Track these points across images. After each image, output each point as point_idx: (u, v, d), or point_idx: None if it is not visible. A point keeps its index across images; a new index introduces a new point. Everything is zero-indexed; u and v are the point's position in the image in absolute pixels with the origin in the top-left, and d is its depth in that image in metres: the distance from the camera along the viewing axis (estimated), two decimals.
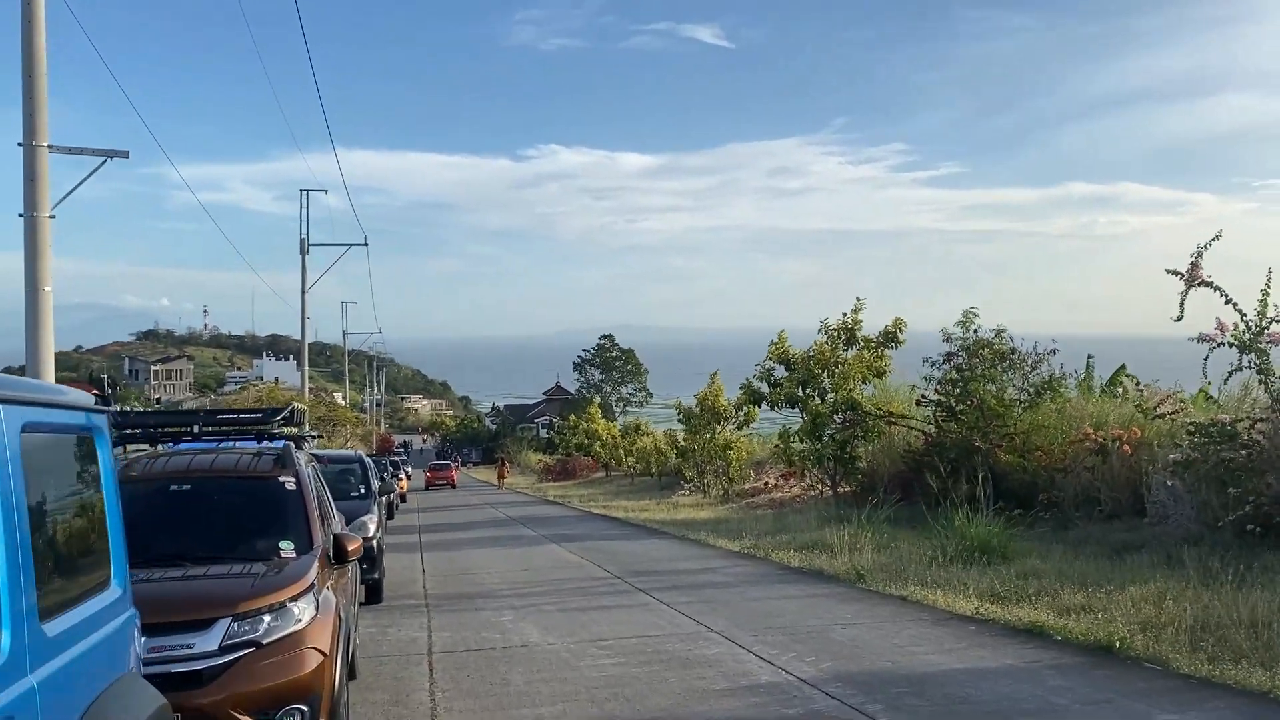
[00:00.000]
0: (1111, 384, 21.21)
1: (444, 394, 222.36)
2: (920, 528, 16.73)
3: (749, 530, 17.91)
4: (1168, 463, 14.08)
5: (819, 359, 23.67)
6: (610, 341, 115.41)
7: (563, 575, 12.45)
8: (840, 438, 22.78)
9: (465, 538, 19.96)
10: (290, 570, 5.11)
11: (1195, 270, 13.29)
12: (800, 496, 26.79)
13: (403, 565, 14.61)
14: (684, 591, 10.43)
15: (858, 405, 23.07)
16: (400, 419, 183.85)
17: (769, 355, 24.89)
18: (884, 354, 23.59)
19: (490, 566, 13.99)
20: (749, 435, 34.35)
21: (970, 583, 10.24)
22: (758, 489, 30.96)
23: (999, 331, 19.80)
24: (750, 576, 11.48)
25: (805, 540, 15.38)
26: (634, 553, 14.98)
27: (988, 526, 13.42)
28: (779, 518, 19.86)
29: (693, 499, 32.40)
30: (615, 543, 16.99)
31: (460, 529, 22.90)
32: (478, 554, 16.13)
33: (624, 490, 43.81)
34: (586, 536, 18.54)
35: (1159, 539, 13.79)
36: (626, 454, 50.64)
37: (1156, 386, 19.19)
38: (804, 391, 23.78)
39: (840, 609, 9.11)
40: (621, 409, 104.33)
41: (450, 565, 14.52)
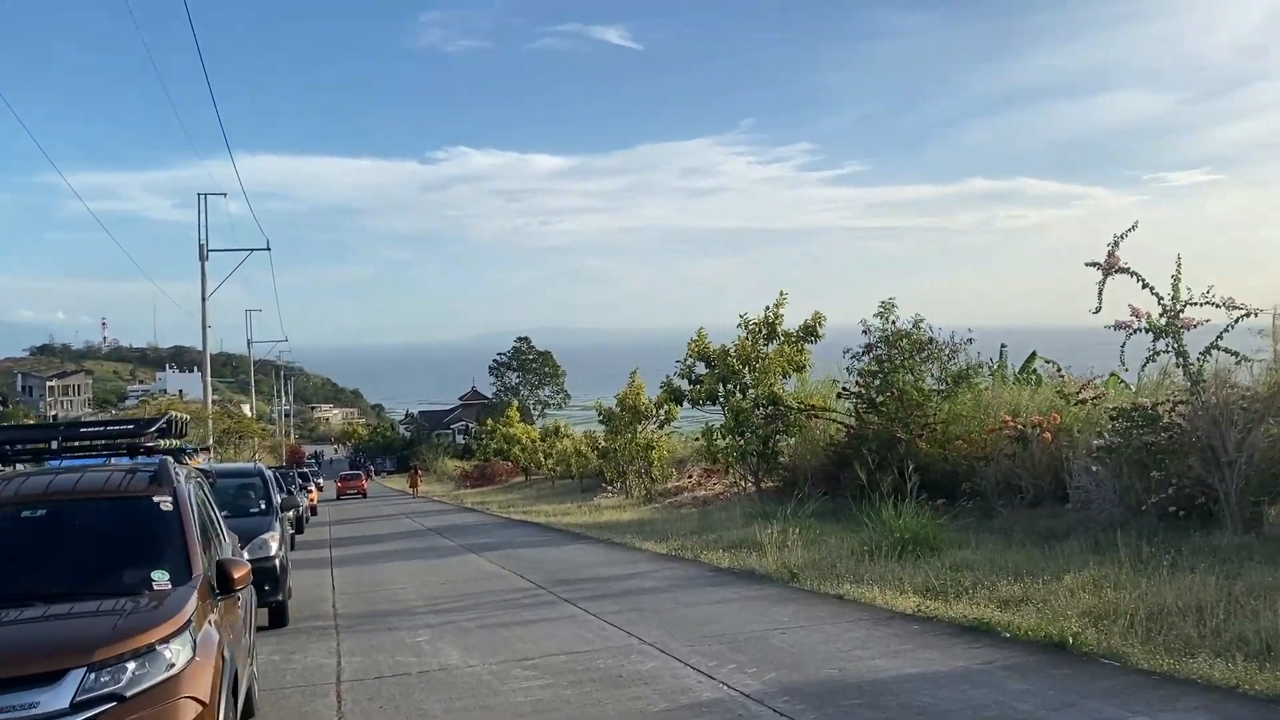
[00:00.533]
0: (1024, 372, 21.35)
1: (356, 402, 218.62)
2: (847, 521, 16.50)
3: (674, 531, 17.47)
4: (1090, 448, 14.07)
5: (740, 354, 23.42)
6: (527, 344, 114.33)
7: (483, 587, 11.77)
8: (763, 433, 22.56)
9: (379, 550, 19.08)
10: (163, 606, 4.32)
11: (1113, 259, 13.26)
12: (723, 494, 26.52)
13: (311, 583, 13.76)
14: (612, 600, 9.89)
15: (779, 400, 22.89)
16: (311, 429, 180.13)
17: (689, 352, 24.56)
18: (804, 348, 23.45)
19: (405, 580, 13.23)
20: (670, 434, 34.00)
21: (905, 578, 9.92)
22: (680, 488, 30.62)
23: (917, 322, 19.75)
24: (680, 580, 10.99)
25: (733, 539, 14.99)
26: (557, 560, 14.37)
27: (916, 519, 13.19)
28: (704, 517, 19.45)
29: (615, 501, 31.92)
30: (537, 550, 16.35)
31: (374, 541, 21.98)
32: (392, 567, 15.33)
33: (544, 494, 43.10)
34: (507, 544, 17.85)
35: (1084, 525, 13.75)
36: (546, 457, 49.95)
37: (1071, 374, 19.41)
38: (725, 388, 23.50)
39: (777, 612, 8.66)
40: (540, 412, 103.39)
41: (363, 580, 13.73)
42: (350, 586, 12.99)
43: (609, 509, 28.54)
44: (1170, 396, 13.21)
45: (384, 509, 39.96)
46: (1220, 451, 11.94)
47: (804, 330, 23.36)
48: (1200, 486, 12.37)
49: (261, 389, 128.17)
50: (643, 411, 32.57)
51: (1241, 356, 12.48)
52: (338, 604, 11.22)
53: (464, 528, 24.54)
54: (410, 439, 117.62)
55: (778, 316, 23.46)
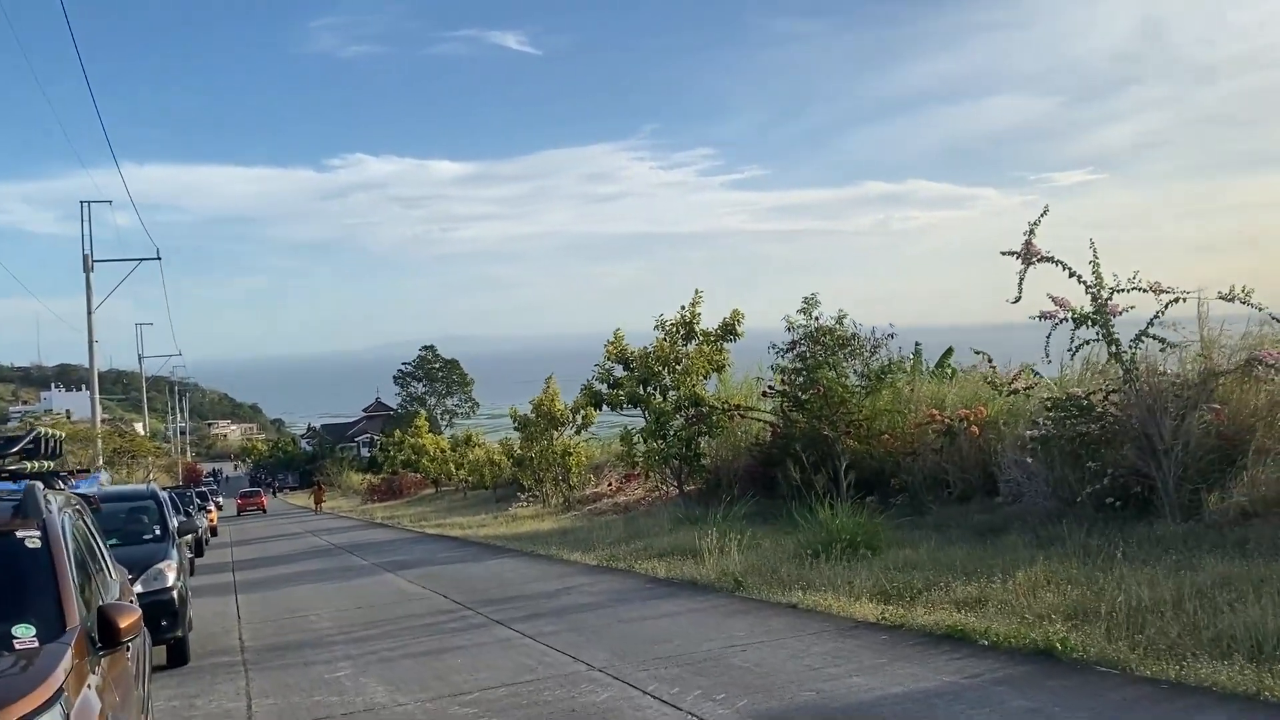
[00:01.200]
0: (939, 368, 21.31)
1: (255, 417, 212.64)
2: (778, 523, 16.08)
3: (600, 540, 16.82)
4: (1023, 439, 13.89)
5: (658, 355, 22.90)
6: (432, 353, 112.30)
7: (405, 610, 10.89)
8: (685, 435, 22.07)
9: (287, 572, 17.93)
10: (27, 672, 3.34)
11: (1032, 248, 13.07)
12: (644, 499, 26.01)
13: (214, 611, 12.68)
14: (548, 619, 9.16)
15: (702, 400, 22.43)
16: (209, 446, 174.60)
17: (607, 354, 23.95)
18: (723, 348, 23.05)
19: (319, 605, 12.25)
20: (588, 440, 33.33)
21: (854, 581, 9.47)
22: (599, 494, 30.00)
23: (840, 317, 19.48)
24: (618, 594, 10.32)
25: (664, 546, 14.41)
26: (482, 576, 13.53)
27: (854, 518, 12.80)
28: (629, 523, 18.83)
29: (532, 510, 31.13)
30: (458, 566, 15.48)
31: (281, 562, 20.75)
32: (303, 591, 14.28)
33: (457, 506, 41.97)
34: (425, 561, 16.90)
35: (1020, 518, 13.57)
36: (458, 468, 48.74)
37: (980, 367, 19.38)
38: (645, 390, 22.94)
39: (731, 625, 8.07)
40: (448, 422, 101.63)
41: (272, 607, 12.69)
42: (258, 614, 11.96)
43: (527, 519, 27.76)
44: (1102, 386, 13.11)
45: (289, 526, 38.31)
46: (1156, 440, 11.81)
47: (723, 329, 22.96)
48: (1136, 476, 12.24)
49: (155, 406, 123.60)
50: (559, 417, 31.85)
51: (1169, 344, 12.39)
52: (245, 635, 10.23)
53: (376, 544, 23.43)
54: (313, 453, 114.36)
55: (695, 316, 23.02)
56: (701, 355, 22.59)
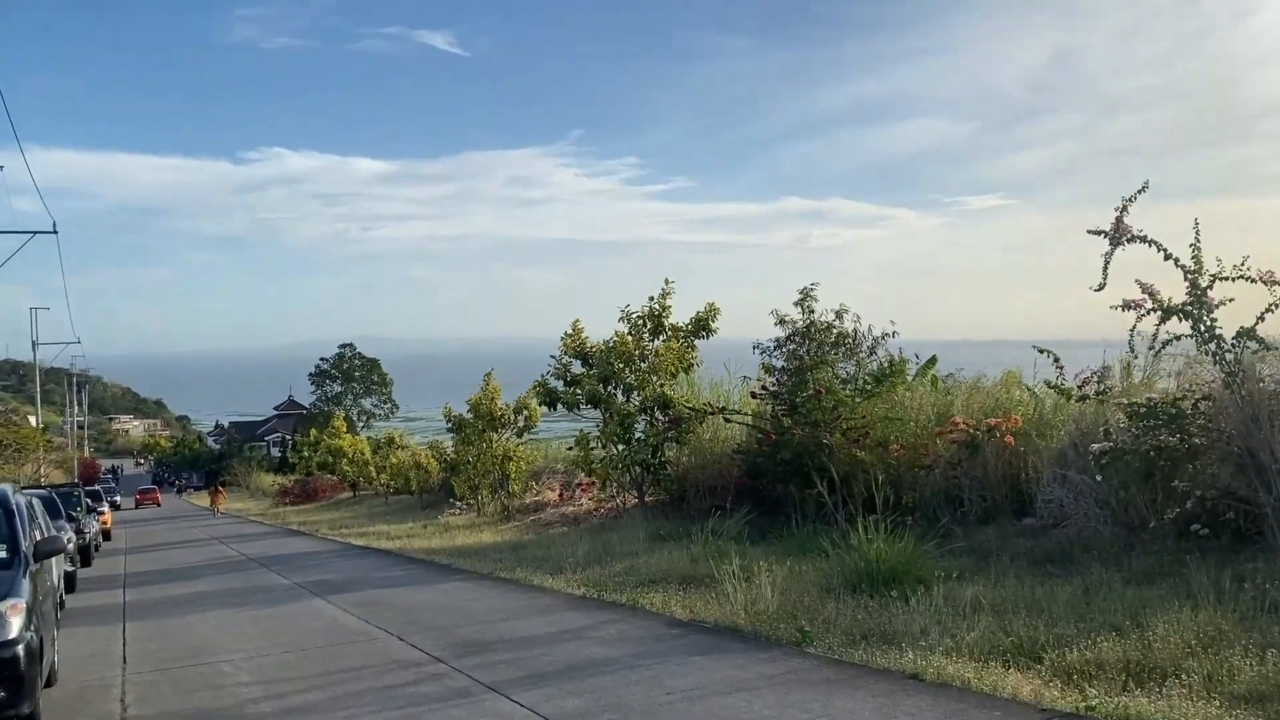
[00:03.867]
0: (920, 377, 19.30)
1: (159, 413, 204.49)
2: (777, 544, 13.83)
3: (565, 559, 14.35)
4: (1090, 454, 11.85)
5: (621, 351, 20.55)
6: (351, 350, 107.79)
7: (351, 660, 8.07)
8: (652, 440, 19.74)
9: (191, 591, 14.96)
10: None
11: (1122, 226, 11.03)
12: (597, 510, 23.55)
13: (91, 651, 9.84)
14: (561, 686, 6.57)
15: (671, 402, 20.13)
16: (109, 442, 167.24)
17: (564, 349, 21.50)
18: (693, 344, 20.81)
19: (233, 645, 9.45)
20: (528, 442, 30.72)
21: (959, 635, 7.21)
22: (542, 503, 27.44)
23: (840, 312, 17.33)
24: (639, 643, 7.81)
25: (651, 571, 12.02)
26: (438, 607, 10.83)
27: (896, 545, 10.59)
28: (594, 539, 16.35)
29: (465, 519, 28.41)
30: (404, 590, 12.73)
31: (183, 577, 17.69)
32: (211, 621, 11.39)
33: (379, 512, 38.85)
34: (360, 582, 14.11)
35: (1072, 544, 11.58)
36: (379, 471, 45.57)
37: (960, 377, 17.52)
38: (606, 389, 20.54)
39: (846, 711, 5.67)
40: (365, 423, 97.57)
41: (170, 645, 9.87)
42: (150, 658, 9.12)
43: (462, 529, 25.07)
44: (1189, 392, 11.15)
45: (194, 531, 34.78)
46: (1264, 457, 9.82)
47: (696, 324, 20.72)
48: (1231, 499, 10.32)
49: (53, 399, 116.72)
50: (499, 418, 29.18)
51: (1269, 346, 10.45)
52: (129, 697, 7.42)
53: (296, 557, 20.44)
54: (220, 452, 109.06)
55: (665, 308, 20.73)
56: (671, 352, 20.33)
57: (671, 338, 20.58)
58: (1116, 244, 11.07)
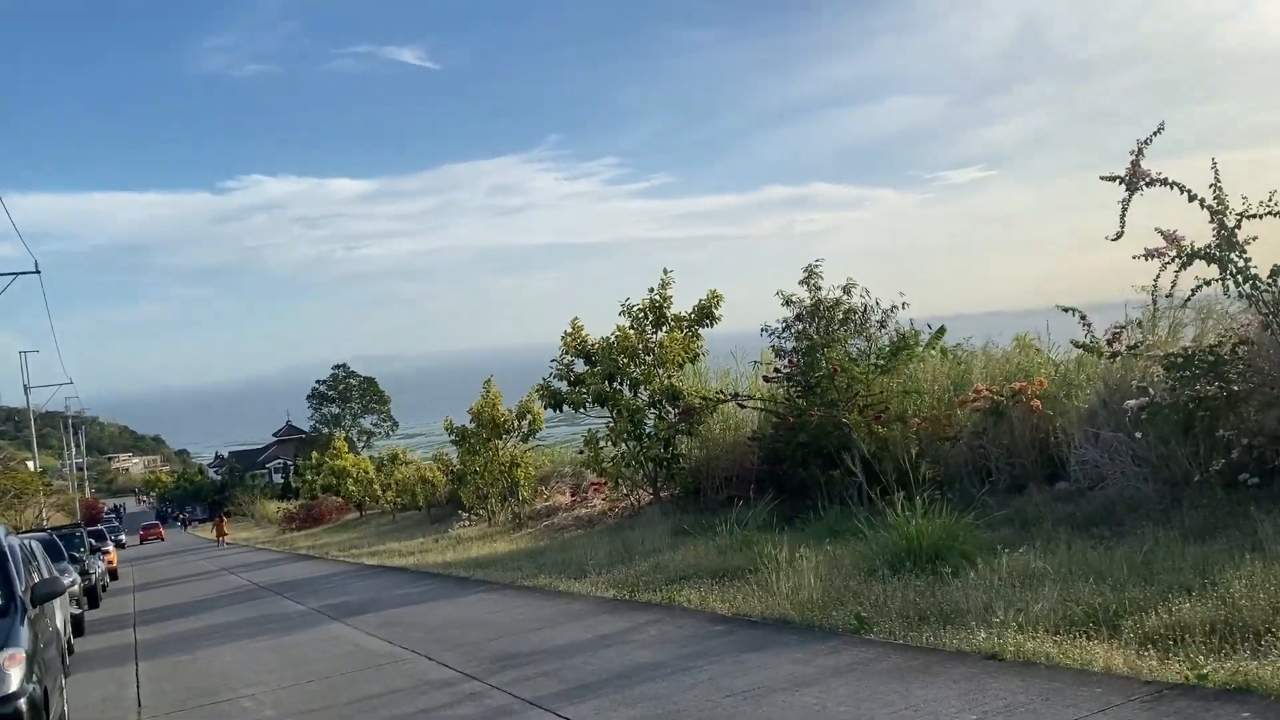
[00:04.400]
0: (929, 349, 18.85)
1: (158, 449, 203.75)
2: (805, 529, 13.39)
3: (588, 561, 13.88)
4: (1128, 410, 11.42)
5: (624, 346, 20.06)
6: (345, 370, 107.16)
7: (379, 685, 7.59)
8: (665, 434, 19.28)
9: (203, 625, 14.47)
10: None
11: (1138, 171, 10.60)
12: (611, 510, 23.09)
13: (104, 695, 9.36)
14: (613, 696, 6.04)
15: (680, 394, 19.66)
16: (109, 481, 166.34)
17: (564, 348, 20.99)
18: (698, 334, 20.33)
19: (251, 678, 8.98)
20: (535, 448, 30.24)
21: (1025, 608, 6.76)
22: (554, 508, 26.96)
23: (848, 287, 16.85)
24: (685, 644, 7.33)
25: (681, 567, 11.56)
26: (464, 622, 10.34)
27: (935, 521, 10.14)
28: (613, 539, 15.88)
29: (477, 530, 27.95)
30: (424, 607, 12.25)
31: (195, 611, 17.19)
32: (227, 654, 10.90)
33: (388, 530, 38.35)
34: (378, 602, 13.61)
35: (1116, 504, 11.16)
36: (384, 489, 45.04)
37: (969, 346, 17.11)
38: (612, 386, 20.07)
39: (932, 701, 5.18)
40: (365, 442, 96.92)
41: (186, 682, 9.39)
42: (166, 699, 8.64)
43: (475, 541, 24.58)
44: (1226, 337, 10.73)
45: (202, 564, 34.24)
46: None
47: (699, 313, 20.23)
48: (1278, 444, 9.93)
49: (51, 443, 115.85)
50: (502, 425, 28.69)
51: None
52: None
53: (309, 582, 19.94)
54: (222, 483, 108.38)
55: (666, 299, 20.25)
56: (676, 343, 19.86)
57: (675, 328, 20.12)
58: (1134, 189, 10.65)
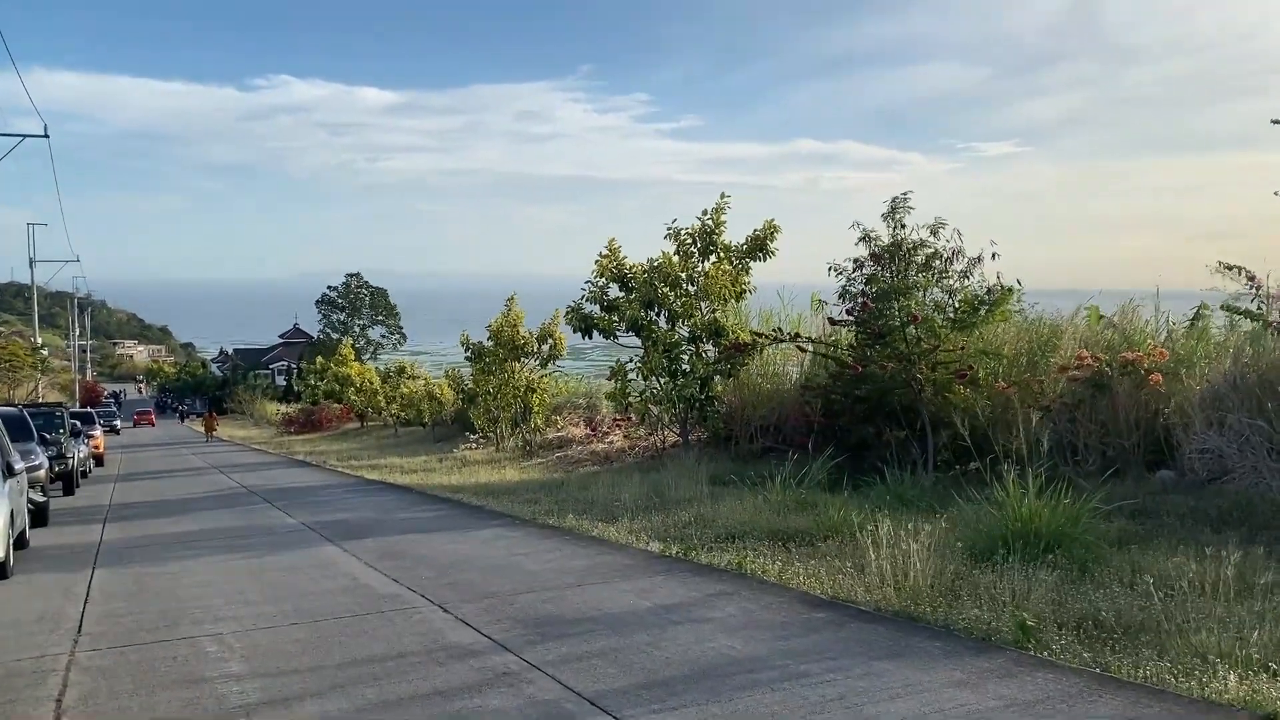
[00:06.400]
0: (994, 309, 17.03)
1: (164, 340, 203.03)
2: (866, 494, 11.70)
3: (613, 503, 12.26)
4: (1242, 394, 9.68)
5: (666, 273, 18.26)
6: (358, 280, 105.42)
7: (382, 643, 5.86)
8: (704, 372, 17.57)
9: (178, 531, 12.85)
10: None
11: None
12: (631, 448, 21.50)
13: (41, 609, 7.71)
14: (707, 708, 4.25)
15: (724, 330, 17.91)
16: (113, 366, 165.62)
17: (598, 271, 19.14)
18: (748, 268, 18.51)
19: (222, 609, 7.28)
20: (553, 374, 28.59)
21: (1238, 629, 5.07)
22: (567, 439, 25.38)
23: (935, 227, 14.90)
24: (782, 634, 5.54)
25: (732, 523, 9.93)
26: (485, 564, 8.55)
27: (1063, 503, 8.49)
28: (640, 480, 14.21)
29: (484, 454, 26.41)
30: (435, 539, 10.55)
31: (173, 511, 15.60)
32: (198, 572, 9.19)
33: (389, 444, 36.88)
34: (380, 526, 11.93)
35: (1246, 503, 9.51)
36: (389, 401, 43.53)
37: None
38: (649, 314, 18.29)
39: None
40: (371, 353, 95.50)
41: (141, 607, 7.71)
42: (114, 626, 6.98)
43: (482, 465, 23.02)
44: None
45: (192, 459, 32.80)
46: None
47: (752, 244, 18.36)
48: None
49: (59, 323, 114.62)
50: (522, 346, 27.01)
51: None
52: (70, 694, 5.24)
53: (303, 491, 18.34)
54: (224, 379, 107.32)
55: (719, 225, 18.38)
56: (725, 275, 18.04)
57: (724, 259, 18.28)
58: None
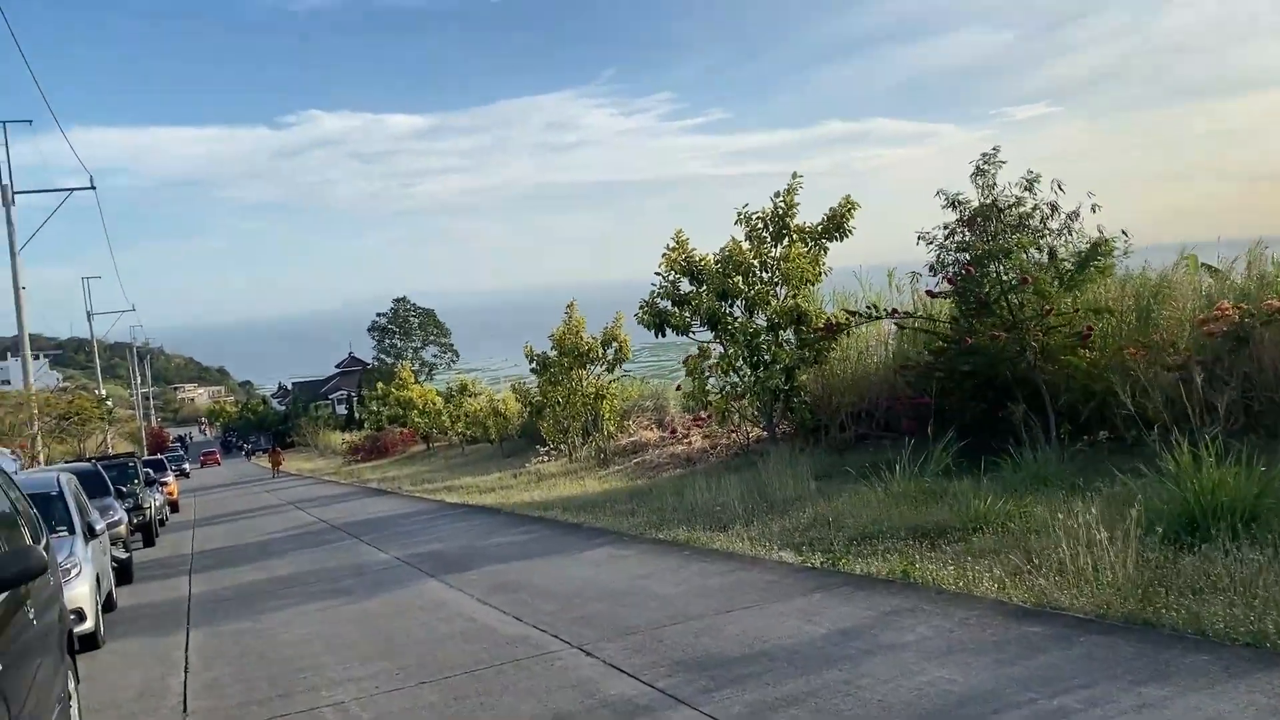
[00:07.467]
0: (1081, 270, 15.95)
1: (222, 380, 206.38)
2: (997, 477, 10.73)
3: (714, 509, 11.43)
4: None
5: (738, 261, 17.42)
6: (405, 304, 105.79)
7: (528, 700, 5.04)
8: (789, 361, 16.69)
9: (267, 577, 12.21)
10: None
11: None
12: (712, 447, 20.61)
13: (140, 681, 7.07)
14: None
15: (806, 315, 17.03)
16: (175, 411, 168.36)
17: (667, 265, 18.32)
18: (825, 248, 17.60)
19: (334, 668, 6.50)
20: (620, 378, 27.83)
21: None
22: (642, 444, 24.58)
23: (1030, 181, 13.85)
24: (1001, 656, 4.59)
25: (862, 521, 9.04)
26: (608, 592, 7.70)
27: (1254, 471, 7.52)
28: (737, 481, 13.32)
29: (557, 465, 25.73)
30: (543, 565, 9.78)
31: (258, 555, 15.03)
32: (299, 625, 8.50)
33: (458, 463, 36.38)
34: (479, 555, 11.19)
35: None
36: (453, 421, 43.09)
37: None
38: (725, 306, 17.46)
39: None
40: (426, 374, 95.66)
41: (246, 667, 7.04)
42: (222, 692, 6.26)
43: (559, 478, 22.32)
44: None
45: (265, 496, 32.53)
46: None
47: (829, 223, 17.44)
48: None
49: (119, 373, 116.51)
50: (586, 353, 26.27)
51: None
52: None
53: (386, 522, 17.73)
54: (285, 413, 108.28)
55: (790, 206, 17.46)
56: (801, 258, 17.16)
57: (797, 241, 17.38)
58: None
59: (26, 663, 3.75)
